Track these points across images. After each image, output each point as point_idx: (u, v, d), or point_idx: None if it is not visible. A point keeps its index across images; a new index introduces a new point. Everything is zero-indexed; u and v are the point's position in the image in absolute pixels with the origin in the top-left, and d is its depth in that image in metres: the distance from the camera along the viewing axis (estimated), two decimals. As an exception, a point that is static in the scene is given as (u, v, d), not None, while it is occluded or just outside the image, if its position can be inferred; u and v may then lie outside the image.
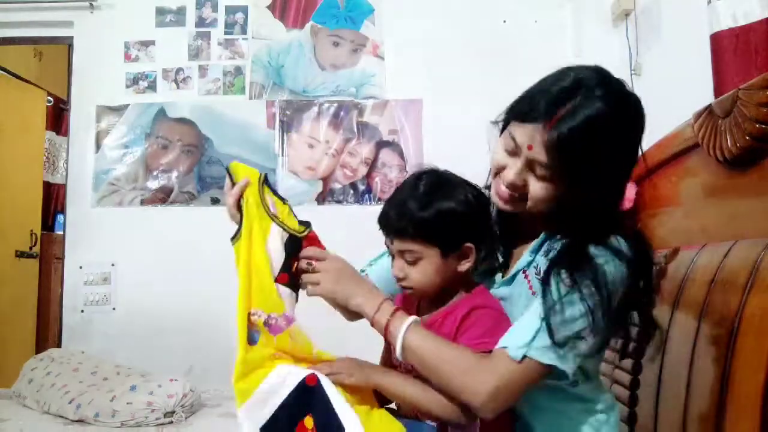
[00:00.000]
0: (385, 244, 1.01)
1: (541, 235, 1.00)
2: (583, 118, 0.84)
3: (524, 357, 0.86)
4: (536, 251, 0.99)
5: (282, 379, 0.94)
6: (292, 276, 1.03)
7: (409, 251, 0.96)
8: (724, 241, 1.12)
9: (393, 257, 1.00)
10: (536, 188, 0.92)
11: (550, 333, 0.85)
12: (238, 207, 1.02)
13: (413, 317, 0.95)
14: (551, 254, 0.95)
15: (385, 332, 0.96)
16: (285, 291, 1.02)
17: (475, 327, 0.94)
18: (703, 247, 1.20)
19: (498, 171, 0.97)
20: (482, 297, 1.00)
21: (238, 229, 1.01)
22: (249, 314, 0.97)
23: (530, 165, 0.91)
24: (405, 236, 0.95)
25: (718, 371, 0.99)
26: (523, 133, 0.90)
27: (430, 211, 0.94)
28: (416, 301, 1.06)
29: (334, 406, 0.92)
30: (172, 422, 1.89)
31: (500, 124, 0.99)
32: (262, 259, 1.00)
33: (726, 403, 0.96)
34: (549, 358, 0.85)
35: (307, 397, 0.93)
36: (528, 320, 0.88)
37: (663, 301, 1.28)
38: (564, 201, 0.92)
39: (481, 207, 0.99)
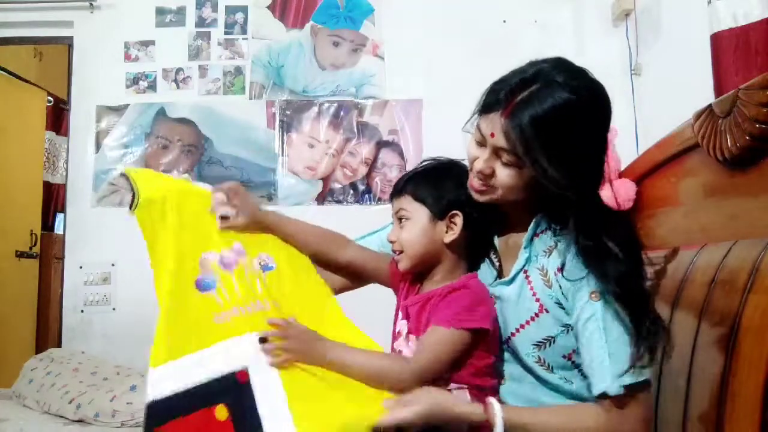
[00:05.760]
0: (392, 216, 1.06)
1: (530, 227, 1.00)
2: (538, 102, 0.87)
3: (624, 387, 0.87)
4: (529, 245, 1.00)
5: (213, 360, 0.88)
6: None
7: (402, 210, 1.01)
8: (724, 241, 1.12)
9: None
10: (503, 175, 0.94)
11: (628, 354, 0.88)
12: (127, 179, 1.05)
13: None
14: (558, 252, 0.95)
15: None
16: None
17: (452, 306, 0.94)
18: (702, 247, 1.20)
19: (472, 165, 0.99)
20: (465, 279, 1.00)
21: (133, 196, 1.03)
22: (200, 261, 0.99)
23: (496, 153, 0.93)
24: (400, 193, 1.02)
25: (718, 371, 0.99)
26: (486, 122, 0.94)
27: (426, 173, 1.02)
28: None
29: (259, 408, 0.85)
30: (172, 422, 1.89)
31: (475, 123, 0.99)
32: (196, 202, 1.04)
33: (726, 402, 0.96)
34: (642, 375, 0.89)
35: (230, 390, 0.86)
36: (597, 354, 0.90)
37: (663, 301, 1.28)
38: (534, 188, 0.94)
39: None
